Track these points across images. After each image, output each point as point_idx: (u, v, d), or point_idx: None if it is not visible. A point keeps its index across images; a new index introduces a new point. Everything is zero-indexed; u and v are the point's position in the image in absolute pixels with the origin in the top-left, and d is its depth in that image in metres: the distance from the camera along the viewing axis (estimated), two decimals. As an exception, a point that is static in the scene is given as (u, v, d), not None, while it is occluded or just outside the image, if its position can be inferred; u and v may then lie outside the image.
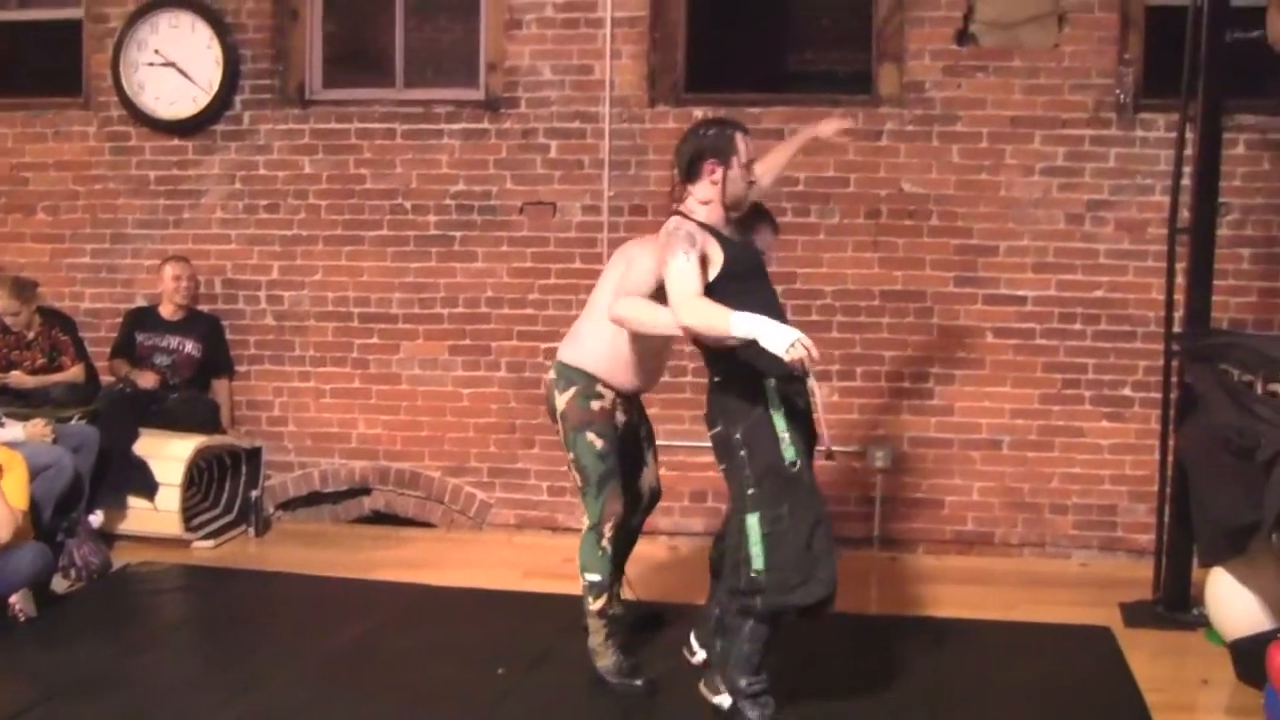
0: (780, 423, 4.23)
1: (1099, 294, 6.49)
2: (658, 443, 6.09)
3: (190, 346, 7.00)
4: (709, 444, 5.60)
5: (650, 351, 4.83)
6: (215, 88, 7.08)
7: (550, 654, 5.10)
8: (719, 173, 4.34)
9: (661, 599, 5.75)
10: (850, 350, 6.62)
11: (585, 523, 4.81)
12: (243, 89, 7.13)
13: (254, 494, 6.94)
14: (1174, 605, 5.70)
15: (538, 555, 6.62)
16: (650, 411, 6.65)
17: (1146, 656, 5.18)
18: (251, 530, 6.90)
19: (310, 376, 7.17)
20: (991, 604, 5.88)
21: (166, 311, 7.03)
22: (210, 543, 6.66)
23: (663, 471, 6.65)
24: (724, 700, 4.36)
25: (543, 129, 6.84)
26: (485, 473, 7.03)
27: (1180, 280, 5.73)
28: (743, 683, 4.31)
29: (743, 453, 4.23)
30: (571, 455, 4.80)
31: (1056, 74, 6.48)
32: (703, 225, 4.30)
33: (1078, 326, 6.51)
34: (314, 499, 7.27)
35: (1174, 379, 5.75)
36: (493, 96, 6.93)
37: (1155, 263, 6.23)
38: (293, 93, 7.17)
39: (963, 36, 6.54)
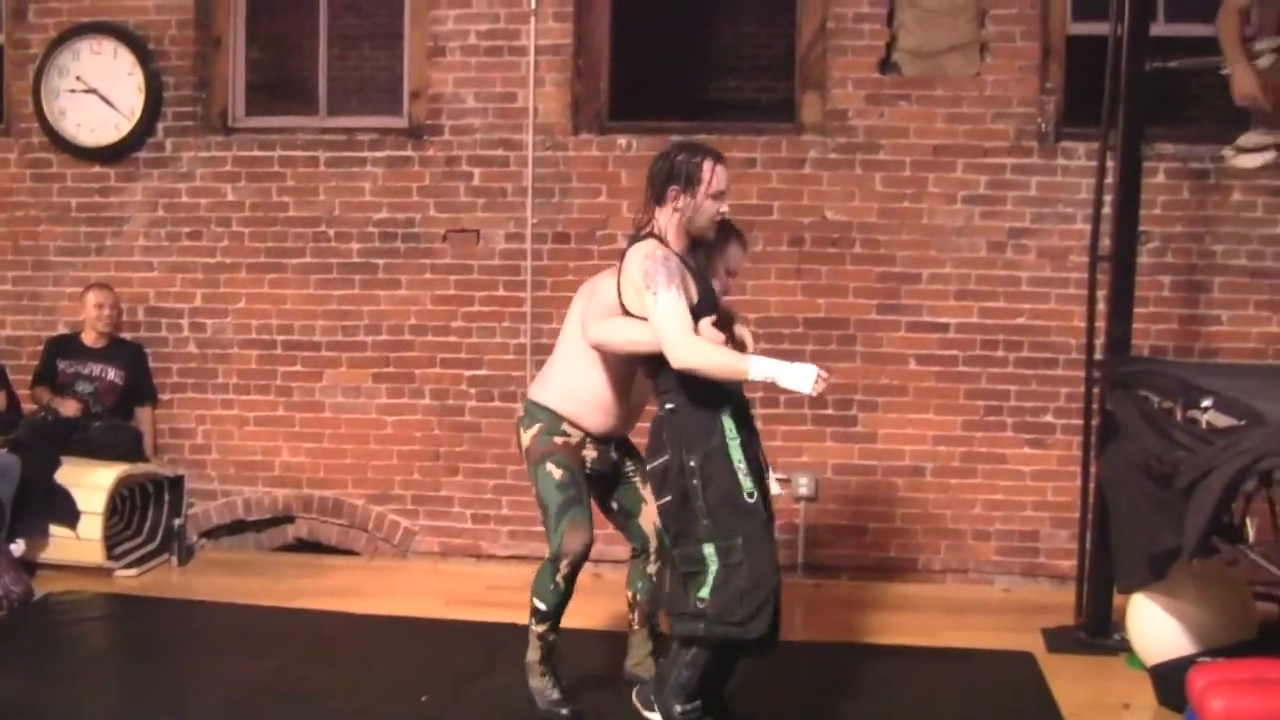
0: (736, 453, 4.21)
1: (1021, 321, 6.51)
2: None
3: (113, 374, 6.93)
4: None
5: (623, 391, 4.68)
6: (137, 115, 7.03)
7: (474, 682, 5.10)
8: (682, 200, 4.29)
9: (586, 626, 5.73)
10: (774, 378, 6.60)
11: (547, 552, 4.70)
12: (165, 116, 7.07)
13: (177, 522, 6.87)
14: (1096, 631, 5.74)
15: (461, 583, 6.59)
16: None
17: (1068, 681, 5.22)
18: (174, 559, 6.82)
19: (233, 404, 7.11)
20: (915, 630, 5.90)
21: (89, 339, 6.96)
22: (133, 571, 6.59)
23: (587, 500, 6.70)
24: (654, 718, 4.34)
25: (466, 156, 6.81)
26: (409, 500, 6.98)
27: (1101, 307, 5.78)
28: (677, 709, 4.28)
29: (695, 482, 4.17)
30: (535, 490, 4.69)
31: (978, 103, 6.50)
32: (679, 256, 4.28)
33: (1000, 354, 6.53)
34: (237, 527, 7.19)
35: (1095, 406, 5.78)
36: (416, 124, 6.91)
37: (1076, 290, 6.26)
38: (216, 120, 7.12)
39: (885, 65, 6.56)
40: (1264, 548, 3.92)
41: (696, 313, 4.23)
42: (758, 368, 4.12)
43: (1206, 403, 4.21)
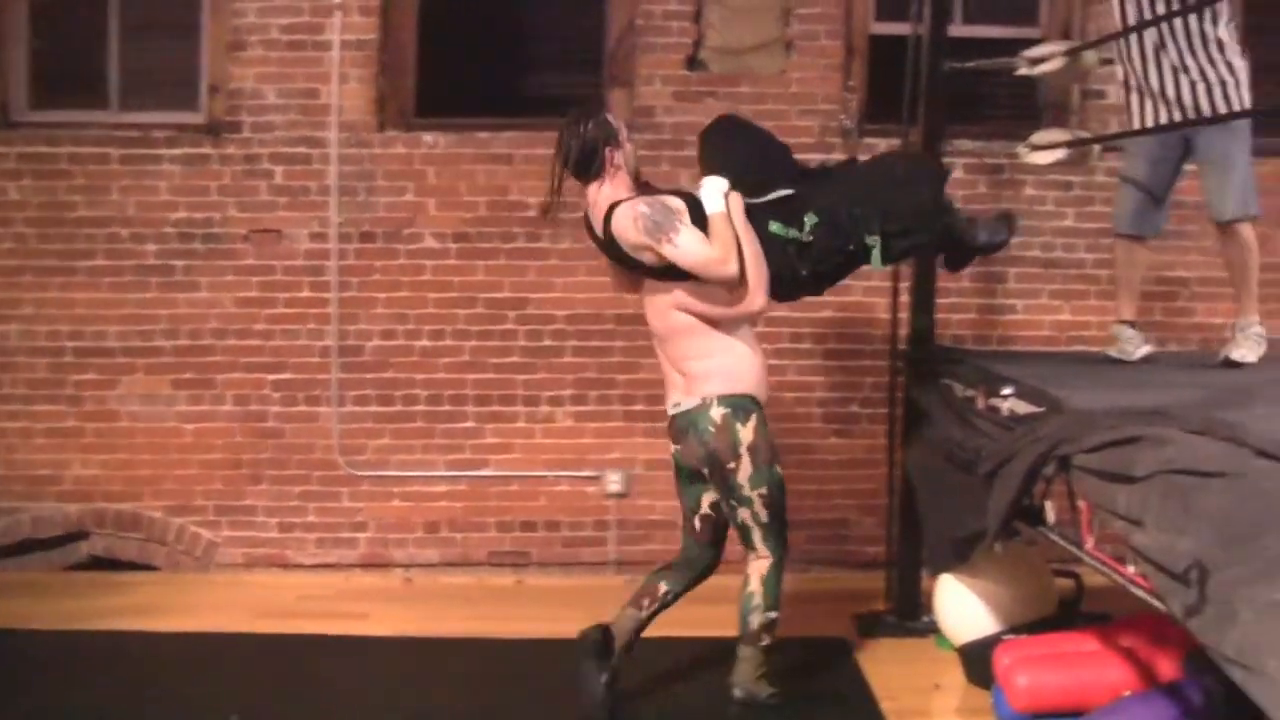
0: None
1: (827, 314, 6.61)
2: (387, 473, 6.19)
3: (-112, 385, 6.55)
4: (444, 473, 6.00)
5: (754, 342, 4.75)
6: (-87, 110, 6.66)
7: (284, 695, 4.94)
8: (618, 155, 4.57)
9: (399, 633, 5.68)
10: (584, 375, 6.61)
11: (764, 562, 4.73)
12: (-58, 110, 6.71)
13: (-40, 543, 6.50)
14: (905, 614, 5.90)
15: (269, 594, 6.37)
16: (380, 442, 6.61)
17: (881, 665, 5.35)
18: (-42, 582, 6.45)
19: (20, 416, 6.72)
20: (729, 621, 5.86)
21: None
22: (-88, 596, 6.20)
23: (394, 503, 6.63)
24: None
25: (267, 154, 6.62)
26: (211, 511, 6.71)
27: (904, 299, 5.91)
28: None
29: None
30: (762, 490, 4.63)
31: (784, 100, 6.62)
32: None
33: (807, 346, 6.64)
34: (26, 546, 6.79)
35: (899, 395, 5.91)
36: (215, 120, 6.68)
37: (880, 283, 6.33)
38: (-4, 114, 6.77)
39: (693, 62, 6.63)
40: (1063, 528, 4.05)
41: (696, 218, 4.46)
42: (712, 202, 4.44)
43: (1007, 390, 4.35)
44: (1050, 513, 4.09)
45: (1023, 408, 4.21)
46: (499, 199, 6.59)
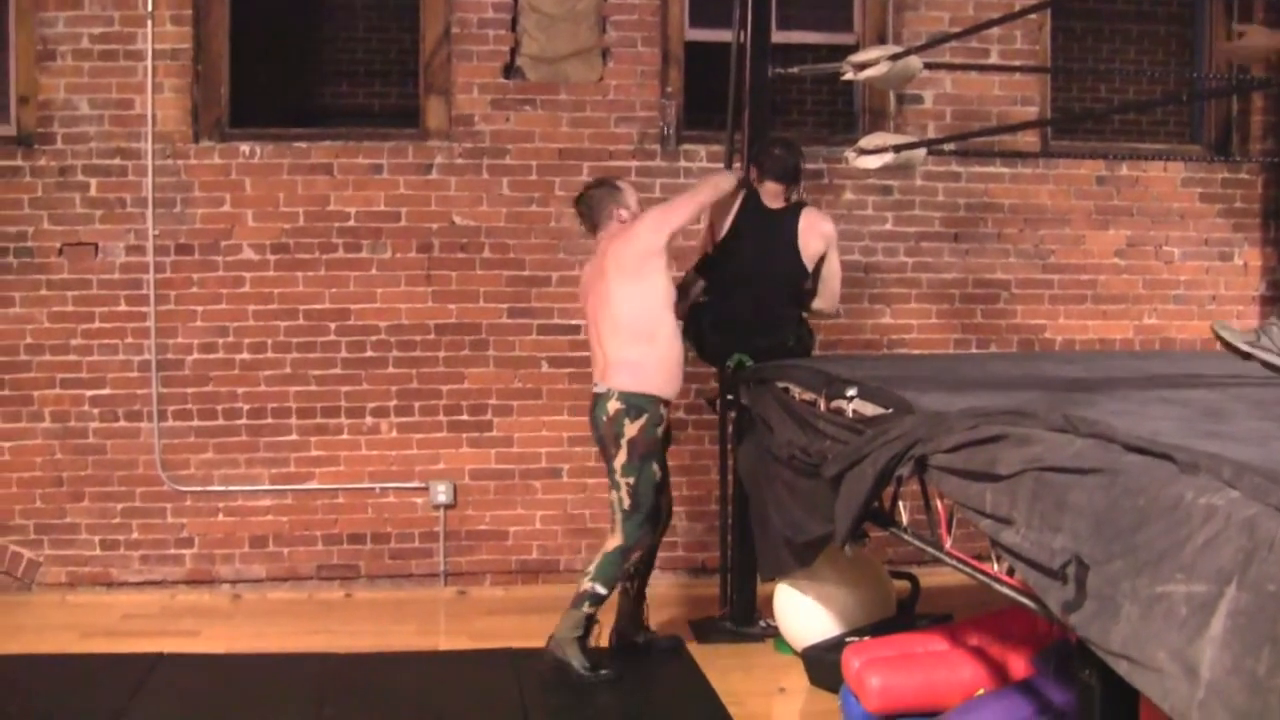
0: None
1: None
2: (211, 488, 6.12)
3: None
4: (269, 487, 6.11)
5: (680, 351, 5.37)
6: None
7: (116, 717, 4.79)
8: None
9: (230, 650, 5.64)
10: (407, 385, 6.57)
11: (613, 542, 5.23)
12: None
13: None
14: (741, 620, 5.90)
15: (94, 614, 6.26)
16: (203, 456, 6.53)
17: (721, 671, 5.36)
18: None
19: None
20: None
21: None
22: None
23: (220, 519, 6.55)
24: None
25: (81, 166, 6.49)
26: (32, 530, 6.57)
27: (732, 302, 5.91)
28: None
29: None
30: (630, 479, 5.17)
31: (601, 107, 6.63)
32: None
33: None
34: None
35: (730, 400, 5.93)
36: (25, 132, 6.53)
37: (703, 291, 6.38)
38: None
39: (509, 70, 6.60)
40: (916, 529, 4.05)
41: None
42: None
43: (851, 393, 4.31)
44: (904, 514, 4.08)
45: (869, 409, 4.14)
46: (318, 209, 6.53)
